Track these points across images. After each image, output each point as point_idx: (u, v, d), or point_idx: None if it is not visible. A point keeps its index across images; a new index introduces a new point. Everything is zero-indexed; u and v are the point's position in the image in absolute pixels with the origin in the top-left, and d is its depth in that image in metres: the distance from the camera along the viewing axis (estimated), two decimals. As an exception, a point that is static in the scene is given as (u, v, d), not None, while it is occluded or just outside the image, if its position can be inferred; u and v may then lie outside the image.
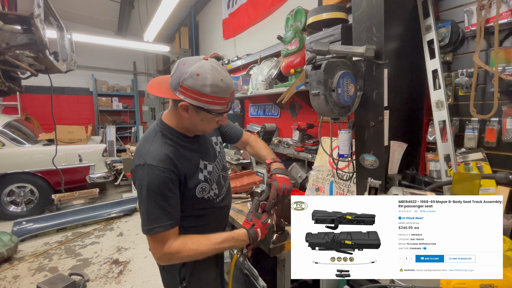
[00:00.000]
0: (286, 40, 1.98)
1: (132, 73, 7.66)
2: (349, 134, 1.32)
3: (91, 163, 4.26)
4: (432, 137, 1.31)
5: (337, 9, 1.61)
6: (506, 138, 1.09)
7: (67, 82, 6.58)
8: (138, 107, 7.58)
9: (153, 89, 0.94)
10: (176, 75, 0.87)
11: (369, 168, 1.25)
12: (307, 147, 2.08)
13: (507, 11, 1.05)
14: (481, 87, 1.17)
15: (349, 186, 1.56)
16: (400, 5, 1.22)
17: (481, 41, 1.11)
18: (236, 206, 1.86)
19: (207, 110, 0.90)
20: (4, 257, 2.73)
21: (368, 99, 1.22)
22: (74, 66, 2.51)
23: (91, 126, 5.37)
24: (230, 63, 3.59)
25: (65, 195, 3.90)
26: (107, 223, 3.77)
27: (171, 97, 0.90)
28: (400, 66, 1.23)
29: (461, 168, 1.19)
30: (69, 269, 2.68)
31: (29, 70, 1.96)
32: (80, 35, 4.33)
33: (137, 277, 2.55)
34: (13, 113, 5.86)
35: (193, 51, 5.16)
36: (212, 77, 0.86)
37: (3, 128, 3.74)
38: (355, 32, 1.24)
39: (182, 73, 0.86)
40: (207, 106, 0.88)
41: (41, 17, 1.76)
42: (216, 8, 4.42)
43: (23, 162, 3.78)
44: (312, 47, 1.16)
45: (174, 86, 0.88)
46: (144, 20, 5.20)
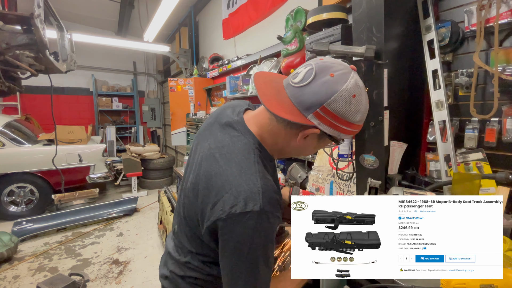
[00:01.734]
0: (286, 40, 1.98)
1: (132, 73, 7.67)
2: (349, 134, 1.32)
3: (91, 163, 4.26)
4: (432, 137, 1.31)
5: (337, 9, 1.61)
6: (506, 138, 1.09)
7: (67, 82, 6.59)
8: (138, 107, 7.58)
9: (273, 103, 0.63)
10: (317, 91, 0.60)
11: (369, 168, 1.25)
12: (307, 147, 2.08)
13: (507, 11, 1.05)
14: (481, 87, 1.17)
15: (349, 186, 1.56)
16: (400, 5, 1.22)
17: (481, 41, 1.11)
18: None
19: (336, 139, 0.67)
20: (4, 257, 2.73)
21: (368, 99, 1.22)
22: (74, 66, 2.51)
23: (91, 126, 5.38)
24: (230, 63, 3.59)
25: (65, 195, 3.90)
26: (107, 223, 3.78)
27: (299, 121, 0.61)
28: (400, 66, 1.24)
29: (461, 168, 1.19)
30: (69, 269, 2.68)
31: (29, 70, 1.95)
32: (80, 35, 4.33)
33: (137, 277, 2.55)
34: (13, 113, 5.86)
35: (193, 51, 5.17)
36: (366, 99, 0.64)
37: (3, 128, 3.74)
38: (355, 32, 1.24)
39: (332, 91, 0.59)
40: (341, 136, 0.66)
41: (41, 17, 1.76)
42: (216, 8, 4.42)
43: (23, 162, 3.78)
44: (312, 47, 1.16)
45: (307, 106, 0.60)
46: (144, 20, 5.20)
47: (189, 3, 4.95)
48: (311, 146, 0.71)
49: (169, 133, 6.47)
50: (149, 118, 7.39)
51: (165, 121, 7.75)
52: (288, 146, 0.70)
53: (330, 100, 0.59)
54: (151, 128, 7.87)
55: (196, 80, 4.52)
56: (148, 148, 5.41)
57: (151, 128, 7.87)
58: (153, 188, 5.27)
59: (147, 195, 4.99)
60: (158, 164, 5.33)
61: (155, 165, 5.32)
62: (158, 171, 5.40)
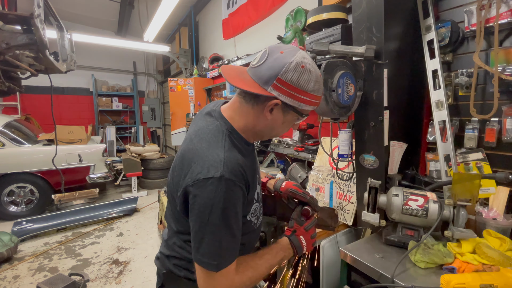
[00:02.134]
0: (286, 40, 1.98)
1: (132, 73, 7.67)
2: (349, 134, 1.32)
3: (91, 163, 4.26)
4: (432, 137, 1.31)
5: (337, 9, 1.61)
6: (506, 138, 1.09)
7: (67, 82, 6.58)
8: (138, 107, 7.58)
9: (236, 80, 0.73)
10: (271, 66, 0.69)
11: (369, 168, 1.25)
12: (307, 147, 2.08)
13: (507, 11, 1.05)
14: (481, 87, 1.17)
15: (349, 186, 1.56)
16: (400, 5, 1.22)
17: (481, 41, 1.11)
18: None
19: (299, 111, 0.76)
20: (4, 257, 2.73)
21: (368, 99, 1.22)
22: (74, 66, 2.51)
23: (91, 126, 5.37)
24: (230, 63, 3.59)
25: (65, 195, 3.90)
26: (107, 223, 3.77)
27: (260, 93, 0.71)
28: (400, 66, 1.24)
29: (461, 168, 1.19)
30: (69, 269, 2.68)
31: (29, 70, 1.95)
32: (80, 35, 4.33)
33: (137, 277, 2.55)
34: (13, 113, 5.86)
35: (193, 51, 5.17)
36: (316, 71, 0.72)
37: (3, 128, 3.74)
38: (355, 32, 1.24)
39: (282, 63, 0.68)
40: (301, 106, 0.74)
41: (41, 17, 1.75)
42: (216, 8, 4.42)
43: (23, 162, 3.78)
44: (312, 47, 1.16)
45: (265, 80, 0.70)
46: (144, 20, 5.20)
47: (189, 3, 4.95)
48: (279, 121, 0.78)
49: (169, 133, 6.47)
50: (149, 118, 7.39)
51: (165, 121, 7.75)
52: (259, 123, 0.78)
53: (282, 71, 0.69)
54: (151, 128, 7.87)
55: (196, 80, 4.52)
56: (148, 148, 5.40)
57: (151, 128, 7.87)
58: (153, 188, 5.26)
59: (147, 195, 4.98)
60: (158, 164, 5.33)
61: (155, 165, 5.32)
62: (158, 171, 5.39)
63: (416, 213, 1.02)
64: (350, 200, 1.54)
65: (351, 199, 1.54)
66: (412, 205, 1.03)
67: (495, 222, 1.02)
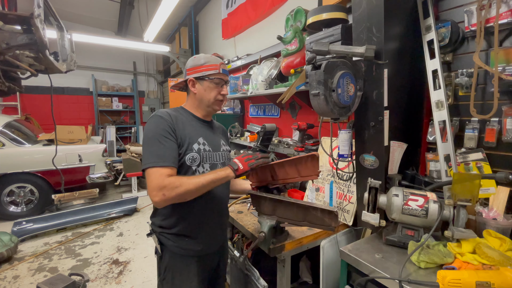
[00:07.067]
0: (286, 40, 1.98)
1: (132, 73, 7.67)
2: (349, 134, 1.32)
3: (91, 163, 4.26)
4: (432, 137, 1.31)
5: (337, 9, 1.61)
6: (506, 138, 1.09)
7: (67, 82, 6.59)
8: (138, 107, 7.58)
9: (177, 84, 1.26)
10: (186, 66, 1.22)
11: (369, 168, 1.25)
12: (307, 147, 2.08)
13: (507, 11, 1.05)
14: (481, 87, 1.17)
15: (349, 186, 1.56)
16: (400, 5, 1.22)
17: (481, 41, 1.11)
18: (236, 206, 1.86)
19: (206, 77, 1.16)
20: (4, 257, 2.73)
21: (368, 99, 1.22)
22: (74, 66, 2.50)
23: (91, 126, 5.37)
24: (230, 63, 3.59)
25: (65, 195, 3.90)
26: (107, 223, 3.78)
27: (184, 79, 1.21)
28: (400, 66, 1.24)
29: (461, 168, 1.19)
30: (69, 269, 2.68)
31: (29, 70, 1.95)
32: (80, 35, 4.33)
33: (137, 277, 2.55)
34: (13, 113, 5.86)
35: (193, 51, 5.16)
36: (205, 55, 1.22)
37: (3, 128, 3.74)
38: (355, 32, 1.24)
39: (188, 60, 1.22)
40: (204, 73, 1.16)
41: (41, 17, 1.75)
42: (216, 8, 4.42)
43: (23, 162, 3.78)
44: (312, 47, 1.16)
45: (184, 74, 1.22)
46: (144, 20, 5.20)
47: (189, 3, 4.95)
48: (202, 89, 1.19)
49: (169, 133, 6.45)
50: (149, 118, 7.38)
51: (165, 121, 7.72)
52: (195, 98, 1.22)
53: (187, 64, 1.22)
54: (151, 128, 7.85)
55: (196, 80, 4.50)
56: (148, 148, 5.40)
57: (151, 128, 7.85)
58: (153, 188, 5.26)
59: (147, 195, 4.99)
60: (158, 164, 5.32)
61: (155, 165, 5.32)
62: (158, 171, 5.39)
63: (416, 213, 1.02)
64: (350, 200, 1.54)
65: (351, 199, 1.54)
66: (412, 205, 1.03)
67: (495, 222, 1.02)
